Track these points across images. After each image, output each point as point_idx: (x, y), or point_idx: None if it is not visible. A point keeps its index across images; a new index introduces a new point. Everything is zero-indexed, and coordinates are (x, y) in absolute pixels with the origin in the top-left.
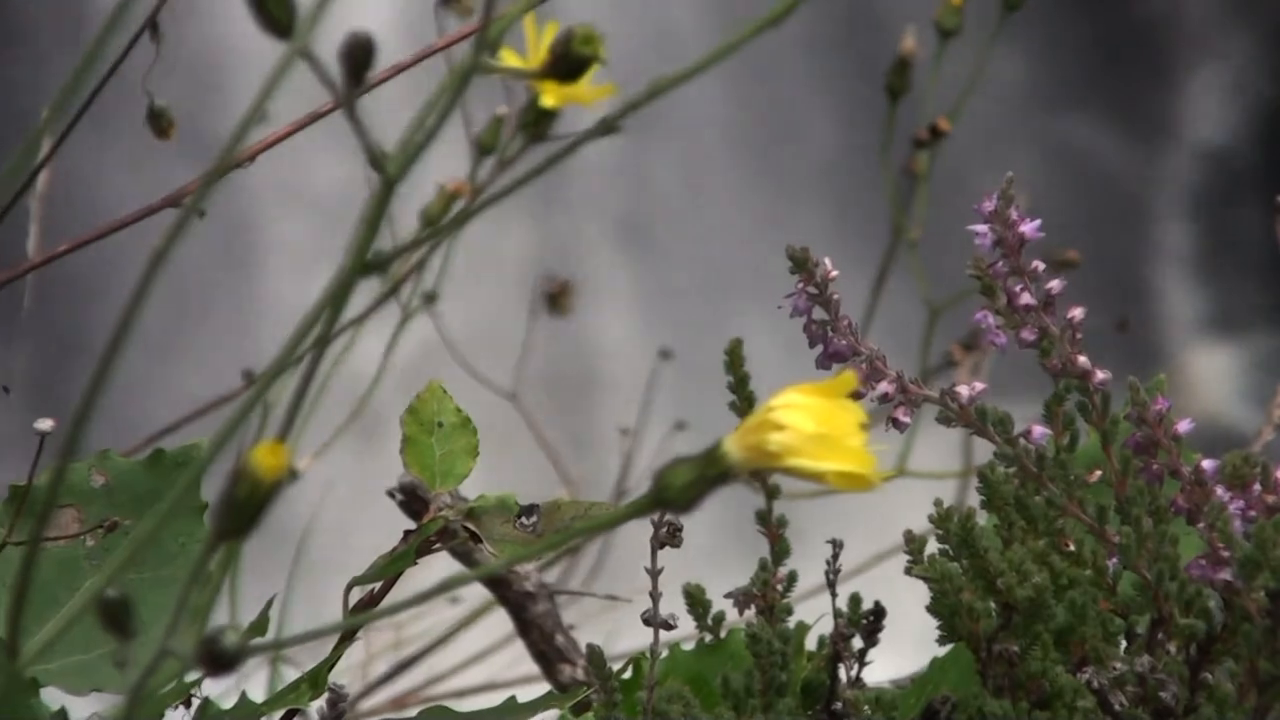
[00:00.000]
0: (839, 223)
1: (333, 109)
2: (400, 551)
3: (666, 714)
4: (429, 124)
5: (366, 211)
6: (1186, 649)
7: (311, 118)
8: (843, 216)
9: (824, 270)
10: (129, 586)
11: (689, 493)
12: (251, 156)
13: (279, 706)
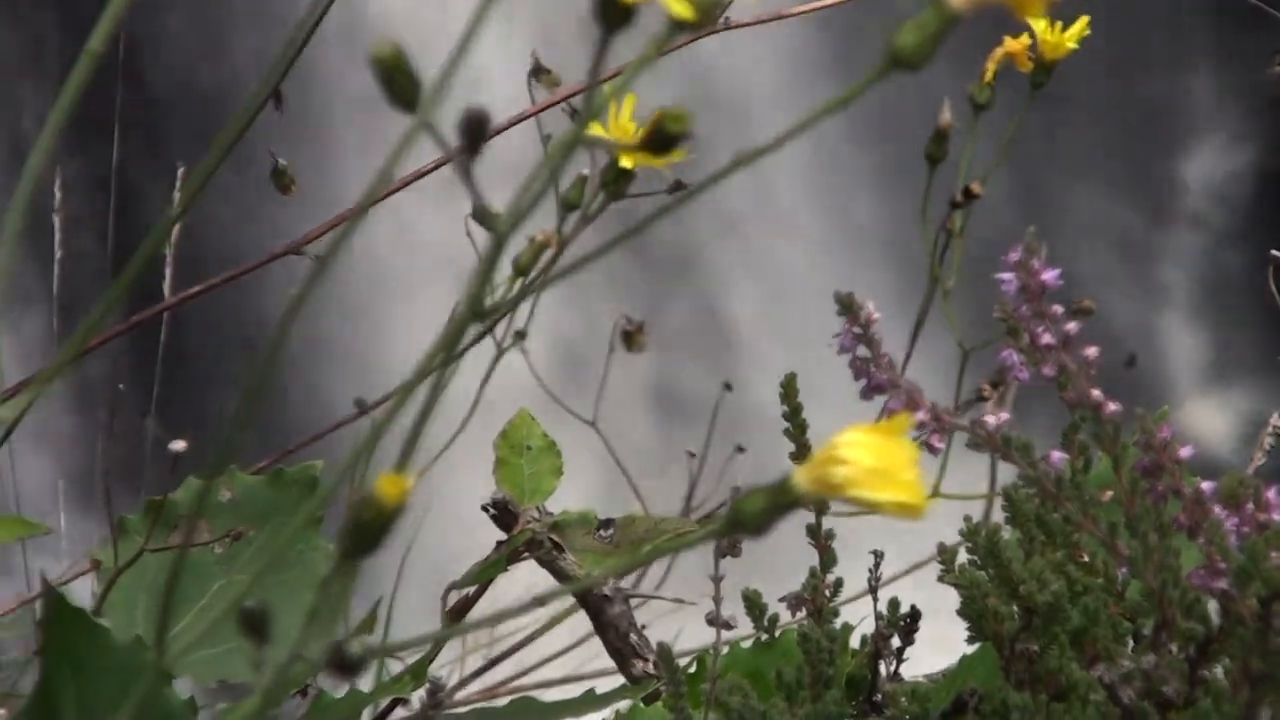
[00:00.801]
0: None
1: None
2: (493, 559)
3: (727, 704)
4: (535, 188)
5: (479, 265)
6: (1187, 649)
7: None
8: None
9: (867, 313)
10: (253, 589)
11: (761, 519)
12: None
13: (385, 696)
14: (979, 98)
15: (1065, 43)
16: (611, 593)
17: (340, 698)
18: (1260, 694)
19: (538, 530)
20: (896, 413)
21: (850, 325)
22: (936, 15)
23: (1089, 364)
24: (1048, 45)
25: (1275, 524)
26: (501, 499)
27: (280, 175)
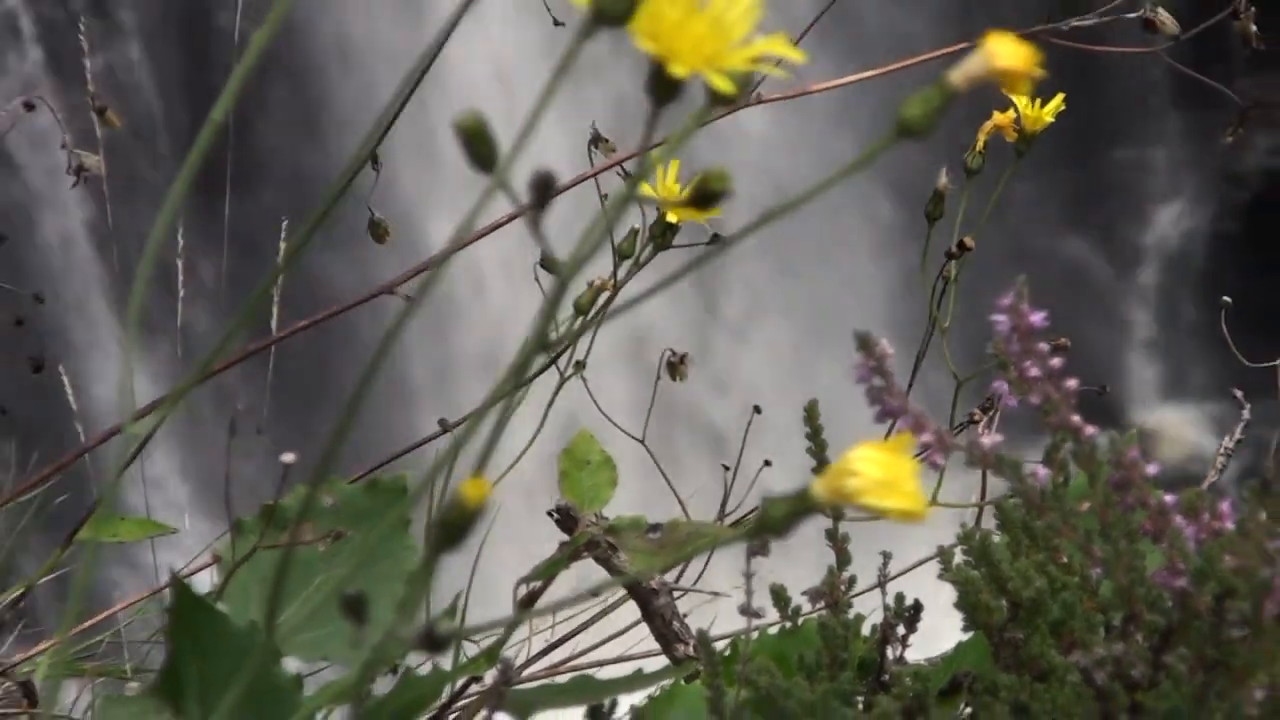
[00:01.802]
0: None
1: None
2: (557, 558)
3: (756, 683)
4: (594, 238)
5: (544, 304)
6: (1151, 639)
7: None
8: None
9: (881, 349)
10: (352, 580)
11: (785, 522)
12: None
13: (463, 674)
14: (972, 164)
15: (1044, 117)
16: (657, 586)
17: (425, 675)
18: (1213, 677)
19: (595, 533)
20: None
21: (867, 360)
22: (939, 91)
23: (1069, 394)
24: (1029, 119)
25: (1228, 532)
26: (564, 506)
27: (376, 226)
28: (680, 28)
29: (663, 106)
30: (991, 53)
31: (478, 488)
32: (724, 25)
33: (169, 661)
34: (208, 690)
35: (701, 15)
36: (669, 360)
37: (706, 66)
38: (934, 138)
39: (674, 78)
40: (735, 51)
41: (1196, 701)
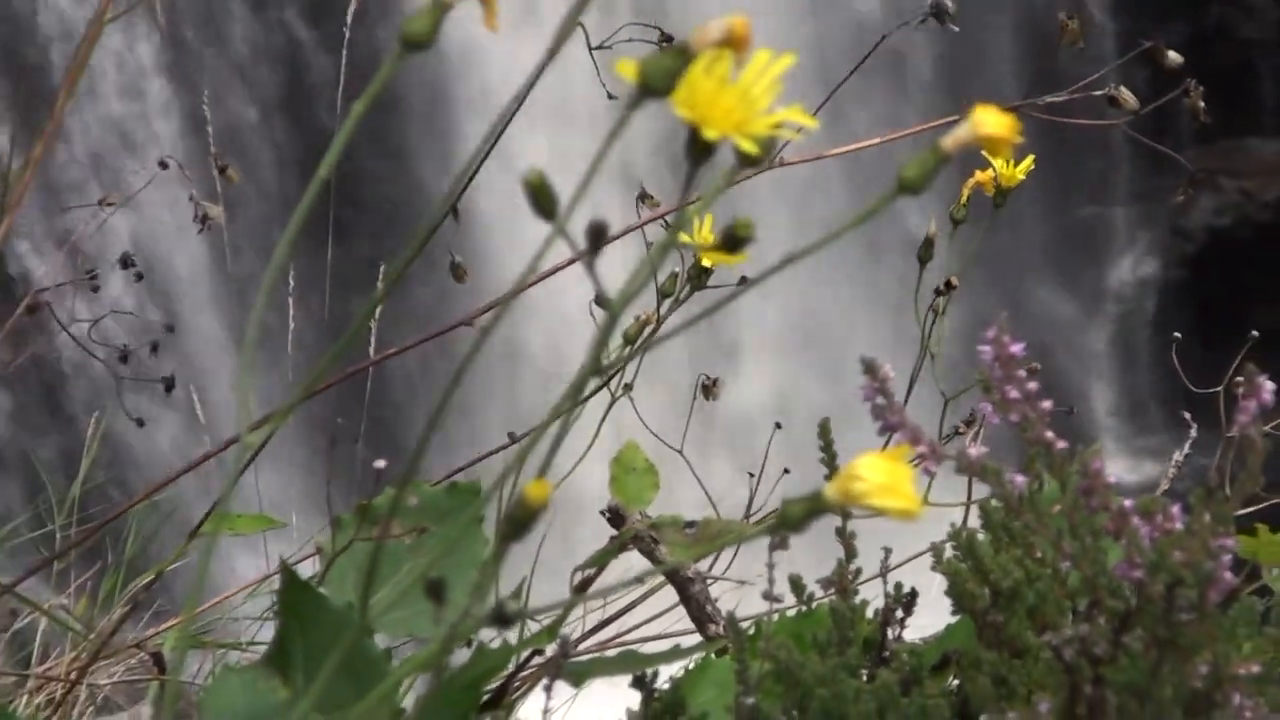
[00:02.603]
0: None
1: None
2: (608, 549)
3: (776, 657)
4: (640, 278)
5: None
6: (1112, 621)
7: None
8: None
9: (884, 373)
10: (433, 568)
11: (800, 520)
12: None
13: (527, 648)
14: (956, 215)
15: (1017, 175)
16: (692, 574)
17: (495, 649)
18: (1164, 655)
19: (640, 528)
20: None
21: (872, 382)
22: (933, 155)
23: (1043, 414)
24: (1005, 176)
25: (1177, 531)
26: (615, 506)
27: (456, 268)
28: (713, 99)
29: (698, 166)
30: (978, 122)
31: (539, 489)
32: (750, 97)
33: (278, 636)
34: (310, 661)
35: (731, 88)
36: (703, 383)
37: (735, 132)
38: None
39: (707, 141)
40: (760, 119)
41: (1150, 675)
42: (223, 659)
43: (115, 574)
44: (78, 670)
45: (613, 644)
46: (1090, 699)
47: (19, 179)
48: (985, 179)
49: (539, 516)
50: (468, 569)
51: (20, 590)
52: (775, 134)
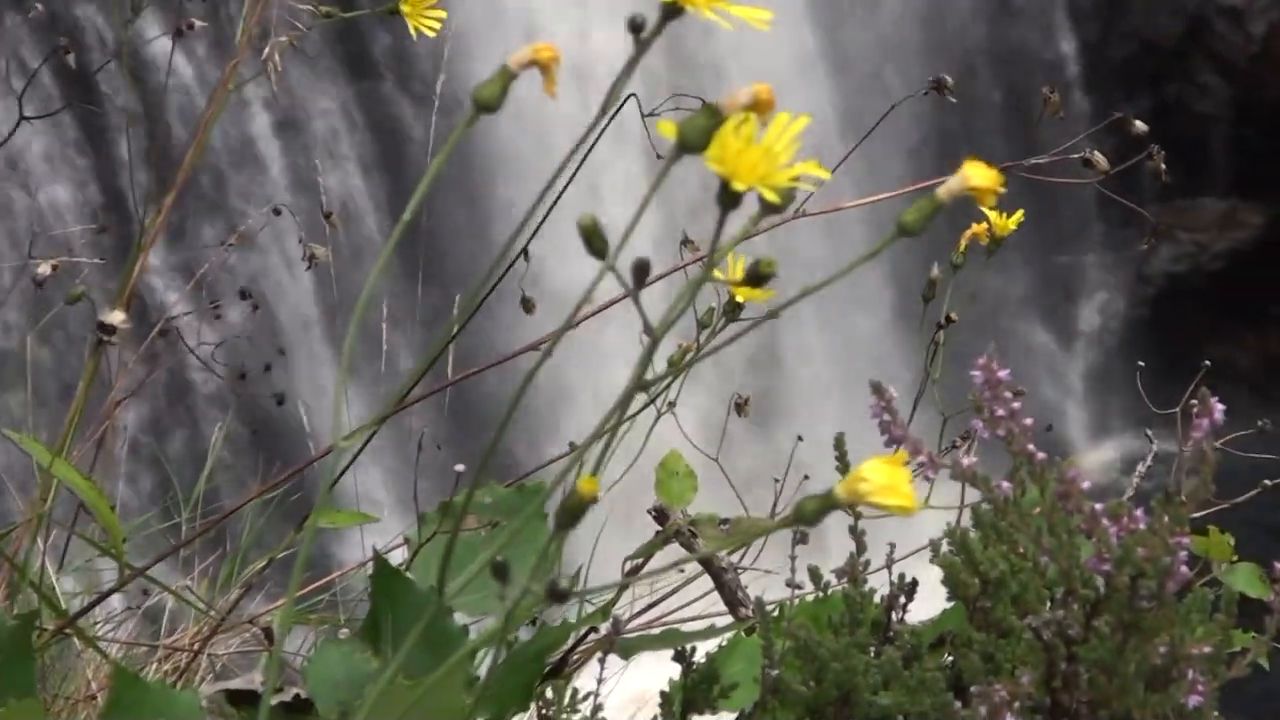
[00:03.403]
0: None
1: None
2: (654, 542)
3: (797, 635)
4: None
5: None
6: (1084, 607)
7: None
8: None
9: (889, 394)
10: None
11: (815, 516)
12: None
13: (584, 625)
14: (955, 260)
15: (1008, 226)
16: (726, 564)
17: (557, 626)
18: (1129, 636)
19: (681, 525)
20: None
21: (879, 401)
22: (930, 202)
23: (1026, 430)
24: (997, 227)
25: (1140, 531)
26: (660, 505)
27: (526, 302)
28: (740, 155)
29: (728, 212)
30: (967, 174)
31: (589, 484)
32: (773, 153)
33: (370, 614)
34: (397, 635)
35: (757, 146)
36: (736, 402)
37: (759, 183)
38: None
39: (735, 191)
40: (781, 172)
41: (1117, 654)
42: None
43: (233, 560)
44: (200, 642)
45: (657, 624)
46: (1065, 673)
47: (152, 224)
48: (981, 230)
49: (589, 506)
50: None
51: (152, 573)
52: (795, 185)
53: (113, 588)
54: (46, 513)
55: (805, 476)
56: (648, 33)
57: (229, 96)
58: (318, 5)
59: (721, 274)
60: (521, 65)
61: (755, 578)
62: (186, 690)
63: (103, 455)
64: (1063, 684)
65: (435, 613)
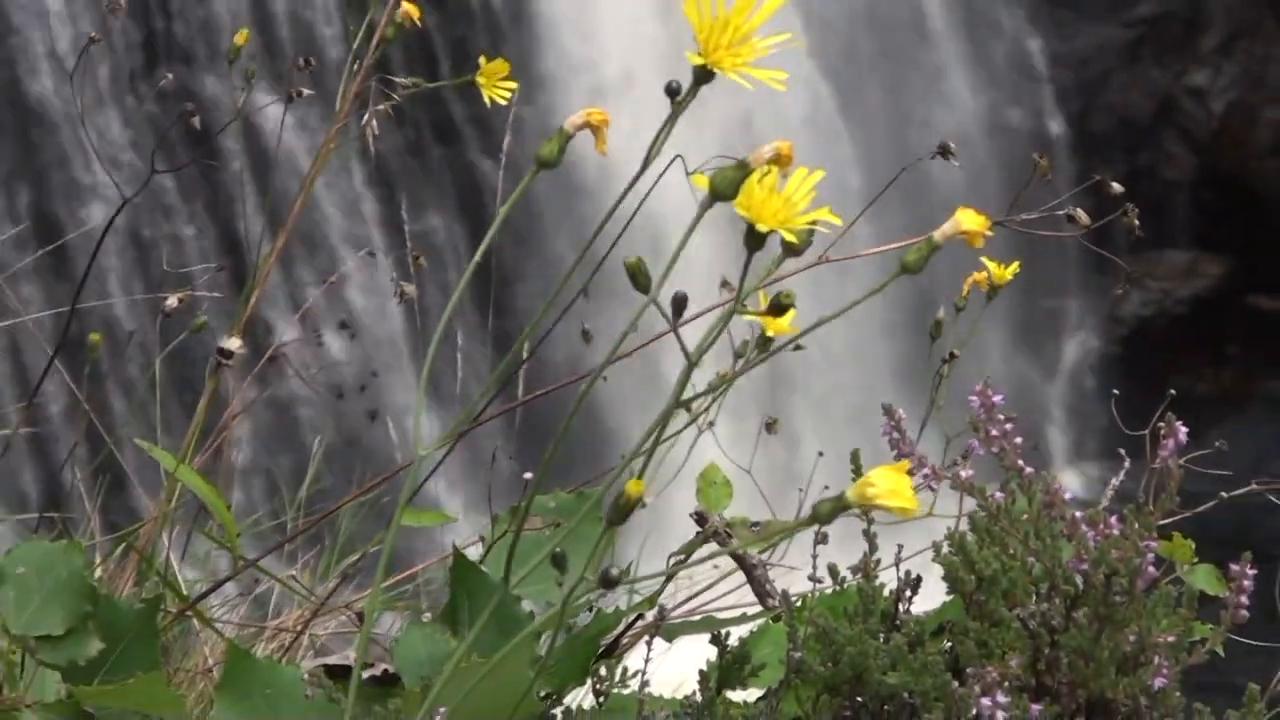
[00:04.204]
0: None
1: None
2: (692, 541)
3: (817, 623)
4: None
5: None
6: (1065, 601)
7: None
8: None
9: (899, 415)
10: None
11: (829, 515)
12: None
13: (633, 612)
14: (959, 304)
15: (1006, 275)
16: (756, 561)
17: (610, 613)
18: (1103, 626)
19: (718, 527)
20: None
21: (890, 422)
22: (927, 244)
23: (1016, 448)
24: (996, 276)
25: (1114, 536)
26: (699, 510)
27: (586, 335)
28: (765, 202)
29: (754, 252)
30: (959, 220)
31: (636, 486)
32: (793, 201)
33: (449, 601)
34: (472, 619)
35: (779, 194)
36: (766, 422)
37: (781, 226)
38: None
39: (759, 233)
40: (799, 218)
41: (1093, 641)
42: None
43: (331, 554)
44: (302, 624)
45: (696, 612)
46: (1048, 658)
47: (264, 263)
48: (981, 279)
49: (636, 507)
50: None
51: (261, 565)
52: (812, 228)
53: (228, 576)
54: (171, 512)
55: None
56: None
57: (330, 154)
58: (407, 76)
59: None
60: (576, 127)
61: (782, 573)
62: (290, 665)
63: (220, 463)
64: (1046, 667)
65: (504, 600)
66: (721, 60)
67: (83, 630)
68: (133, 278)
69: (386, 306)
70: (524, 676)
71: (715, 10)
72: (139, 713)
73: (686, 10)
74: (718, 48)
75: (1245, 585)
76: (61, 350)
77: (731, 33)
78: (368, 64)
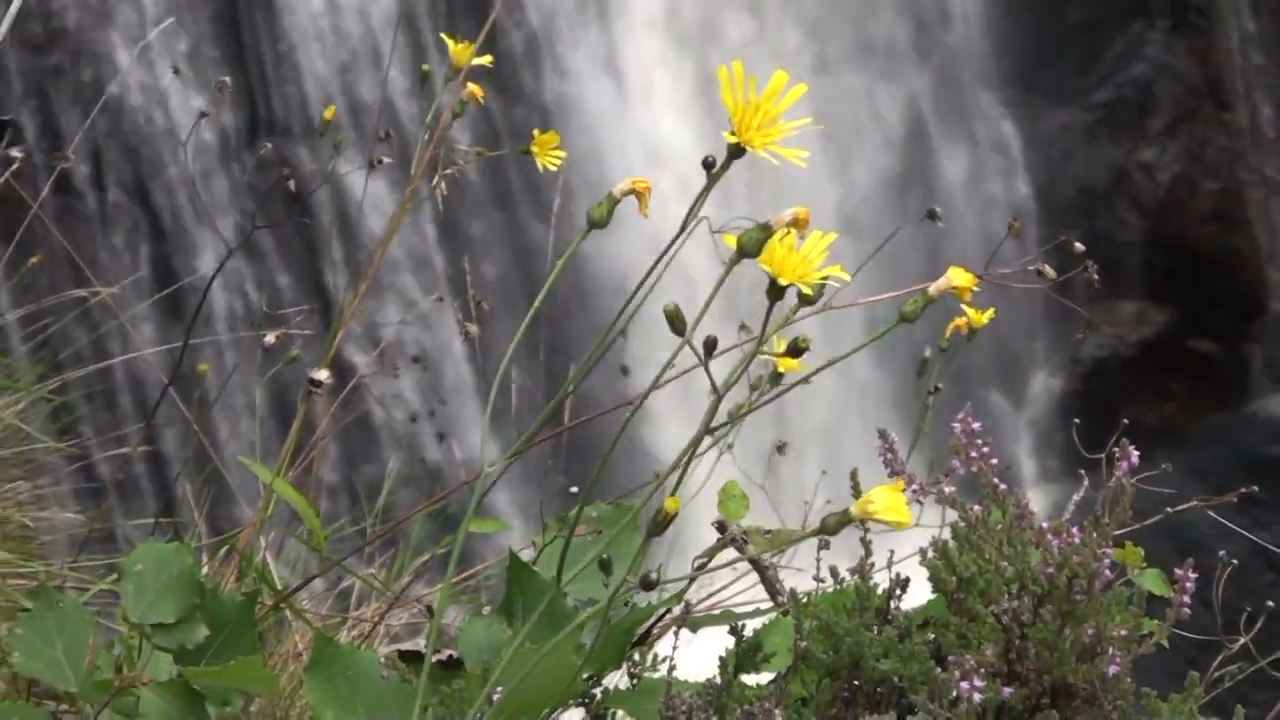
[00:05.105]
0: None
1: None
2: (714, 546)
3: (820, 618)
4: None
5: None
6: (1034, 600)
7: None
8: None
9: (891, 439)
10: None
11: (836, 527)
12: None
13: (662, 607)
14: (943, 344)
15: (982, 319)
16: (768, 563)
17: (643, 607)
18: (1066, 621)
19: (736, 534)
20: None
21: (884, 444)
22: (923, 296)
23: (992, 469)
24: (974, 320)
25: (1075, 544)
26: (720, 520)
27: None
28: (785, 258)
29: (775, 302)
30: (951, 277)
31: (673, 503)
32: (809, 258)
33: (506, 596)
34: (526, 612)
35: (796, 252)
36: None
37: (798, 280)
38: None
39: (780, 286)
40: (814, 273)
41: (1057, 634)
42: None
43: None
44: (379, 615)
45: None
46: (1018, 648)
47: (348, 306)
48: (963, 323)
49: (672, 520)
50: (624, 555)
51: (344, 564)
52: (824, 282)
53: (316, 574)
54: (268, 518)
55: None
56: (717, 168)
57: (405, 213)
58: (472, 147)
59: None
60: (623, 193)
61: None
62: (368, 650)
63: (310, 477)
64: (1016, 656)
65: (554, 596)
66: (752, 140)
67: (191, 619)
68: (236, 318)
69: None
70: (570, 662)
71: (748, 96)
72: (239, 690)
73: (724, 97)
74: (749, 129)
75: (1188, 587)
76: (175, 380)
77: (761, 116)
78: (438, 136)
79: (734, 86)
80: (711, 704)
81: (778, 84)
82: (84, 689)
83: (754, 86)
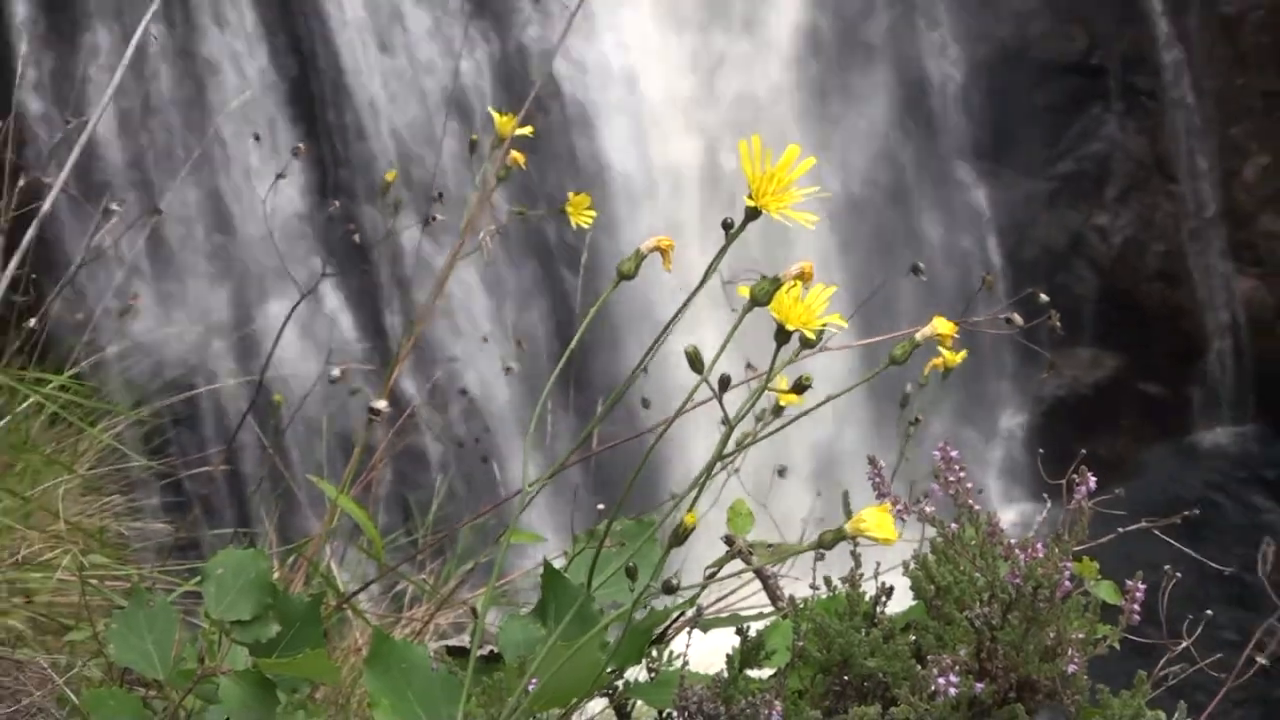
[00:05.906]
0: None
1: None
2: (723, 557)
3: (814, 620)
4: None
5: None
6: (1003, 606)
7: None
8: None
9: (880, 464)
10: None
11: (833, 543)
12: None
13: (677, 610)
14: (923, 380)
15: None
16: (770, 572)
17: (661, 609)
18: (1031, 625)
19: (742, 546)
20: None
21: (873, 469)
22: (910, 341)
23: (968, 491)
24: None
25: (1040, 558)
26: (729, 534)
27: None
28: (791, 307)
29: (781, 345)
30: (935, 325)
31: (691, 519)
32: (813, 307)
33: (541, 600)
34: (559, 613)
35: (801, 301)
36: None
37: (802, 326)
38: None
39: (787, 331)
40: (816, 320)
41: (1023, 636)
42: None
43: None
44: (429, 615)
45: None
46: (989, 649)
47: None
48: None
49: (689, 534)
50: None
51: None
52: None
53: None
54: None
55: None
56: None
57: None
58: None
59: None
60: (649, 249)
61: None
62: (420, 645)
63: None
64: (987, 656)
65: (583, 599)
66: (768, 204)
67: (265, 617)
68: (306, 354)
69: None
70: (597, 658)
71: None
72: (306, 679)
73: (744, 166)
74: (765, 194)
75: (1138, 596)
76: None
77: (775, 183)
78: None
79: (753, 158)
80: (719, 695)
81: (790, 156)
82: (171, 677)
83: (769, 158)
